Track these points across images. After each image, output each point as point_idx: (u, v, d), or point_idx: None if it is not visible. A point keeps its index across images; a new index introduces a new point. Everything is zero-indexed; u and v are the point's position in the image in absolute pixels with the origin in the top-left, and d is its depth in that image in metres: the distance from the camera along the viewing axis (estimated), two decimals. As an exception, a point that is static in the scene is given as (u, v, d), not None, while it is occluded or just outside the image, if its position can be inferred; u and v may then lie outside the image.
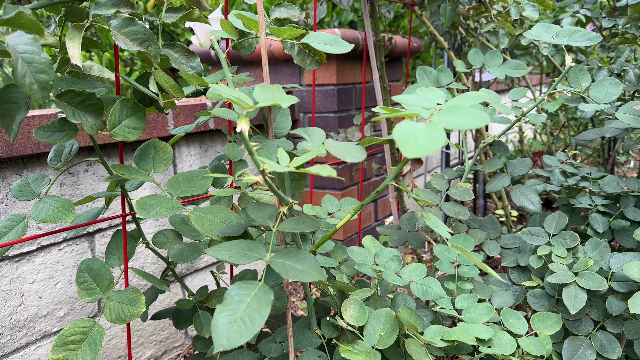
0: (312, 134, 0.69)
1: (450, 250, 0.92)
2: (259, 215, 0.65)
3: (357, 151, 0.60)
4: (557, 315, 0.83)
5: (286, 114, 0.73)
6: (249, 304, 0.52)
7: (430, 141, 0.44)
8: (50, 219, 0.66)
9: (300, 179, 0.70)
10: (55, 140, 0.63)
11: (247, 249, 0.60)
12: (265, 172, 0.55)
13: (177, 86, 0.68)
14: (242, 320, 0.50)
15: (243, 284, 0.54)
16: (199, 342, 0.96)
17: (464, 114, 0.47)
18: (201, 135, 1.45)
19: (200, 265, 1.49)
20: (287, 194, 0.65)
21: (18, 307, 1.07)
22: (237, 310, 0.51)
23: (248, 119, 0.54)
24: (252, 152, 0.54)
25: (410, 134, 0.45)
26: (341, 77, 1.67)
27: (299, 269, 0.57)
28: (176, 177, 0.78)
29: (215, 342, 0.48)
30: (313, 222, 0.62)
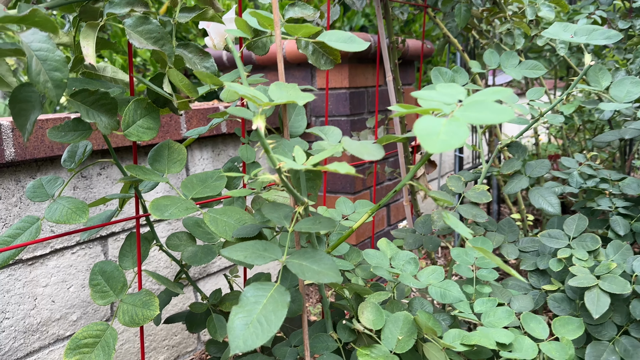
0: (328, 132, 0.68)
1: (468, 253, 0.90)
2: (274, 215, 0.64)
3: (375, 149, 0.59)
4: (579, 320, 0.81)
5: (301, 113, 0.72)
6: (265, 305, 0.50)
7: (452, 136, 0.43)
8: (64, 220, 0.65)
9: (316, 178, 0.69)
10: (69, 140, 0.63)
11: (262, 249, 0.58)
12: (281, 170, 0.54)
13: (192, 85, 0.68)
14: (258, 321, 0.49)
15: (259, 285, 0.53)
16: (213, 347, 0.95)
17: (487, 109, 0.46)
18: (213, 139, 1.44)
19: (212, 269, 1.48)
20: (303, 194, 0.63)
21: (31, 311, 1.07)
22: (253, 312, 0.49)
23: (264, 117, 0.53)
24: (269, 150, 0.53)
25: (431, 129, 0.44)
26: (353, 81, 1.67)
27: (316, 270, 0.56)
28: (190, 178, 0.77)
29: (231, 344, 0.47)
30: (330, 222, 0.61)
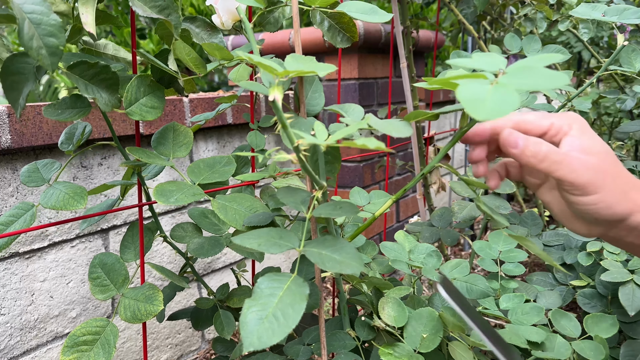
0: (348, 110, 0.63)
1: (492, 246, 0.85)
2: (290, 199, 0.59)
3: (403, 126, 0.54)
4: (613, 317, 0.76)
5: (319, 90, 0.67)
6: (281, 298, 0.45)
7: (501, 103, 0.37)
8: (60, 206, 0.60)
9: (335, 162, 0.63)
10: (66, 118, 0.58)
11: (277, 237, 0.53)
12: (299, 148, 0.49)
13: (200, 60, 0.62)
14: (274, 316, 0.43)
15: (274, 276, 0.48)
16: (219, 345, 0.90)
17: (537, 74, 0.40)
18: (219, 130, 1.39)
19: (218, 265, 1.43)
20: (322, 178, 0.58)
21: (28, 307, 1.02)
22: (268, 305, 0.44)
23: (281, 88, 0.47)
24: (286, 125, 0.47)
25: (477, 94, 0.38)
26: (363, 72, 1.61)
27: (337, 260, 0.50)
28: (197, 163, 0.72)
29: (245, 340, 0.41)
30: (352, 207, 0.55)
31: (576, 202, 0.49)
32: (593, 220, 0.51)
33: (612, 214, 0.48)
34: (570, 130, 0.49)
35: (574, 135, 0.49)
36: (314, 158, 0.59)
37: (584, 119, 0.51)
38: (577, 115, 0.51)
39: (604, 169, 0.48)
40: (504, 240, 0.86)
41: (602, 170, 0.48)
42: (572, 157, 0.47)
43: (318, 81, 0.65)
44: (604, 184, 0.47)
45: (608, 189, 0.48)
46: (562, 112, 0.51)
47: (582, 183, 0.47)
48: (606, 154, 0.49)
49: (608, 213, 0.48)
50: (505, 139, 0.49)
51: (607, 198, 0.48)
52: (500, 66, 0.45)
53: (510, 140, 0.49)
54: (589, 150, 0.48)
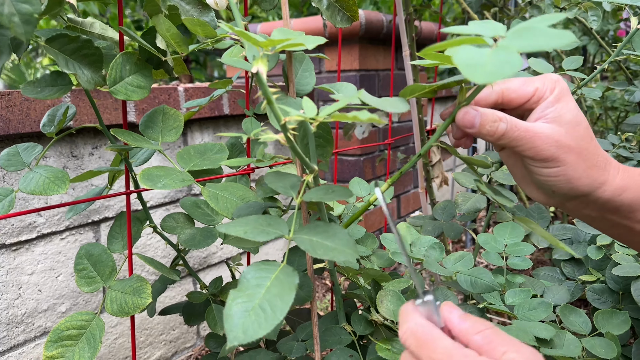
0: (340, 88, 0.59)
1: (497, 239, 0.81)
2: (279, 184, 0.55)
3: (398, 102, 0.50)
4: (625, 314, 0.72)
5: (309, 68, 0.63)
6: (268, 288, 0.41)
7: (501, 66, 0.34)
8: (40, 191, 0.56)
9: (327, 145, 0.59)
10: (46, 96, 0.54)
11: (266, 224, 0.49)
12: (287, 127, 0.45)
13: (181, 36, 0.58)
14: (260, 307, 0.39)
15: (262, 265, 0.44)
16: (212, 341, 0.86)
17: (540, 34, 0.37)
18: (215, 121, 1.35)
19: (213, 260, 1.39)
20: (312, 161, 0.54)
21: (15, 301, 0.98)
22: (254, 297, 0.40)
23: (265, 60, 0.44)
24: (272, 100, 0.43)
25: (475, 58, 0.35)
26: (364, 63, 1.57)
27: (330, 246, 0.46)
28: (187, 149, 0.68)
29: (229, 334, 0.37)
30: (345, 191, 0.52)
31: (536, 172, 0.48)
32: (551, 193, 0.50)
33: (570, 188, 0.48)
34: (548, 97, 0.47)
35: (548, 102, 0.47)
36: (304, 141, 0.55)
37: (565, 83, 0.49)
38: (559, 78, 0.49)
39: (567, 143, 0.46)
40: (509, 233, 0.82)
41: (566, 145, 0.46)
42: (533, 132, 0.46)
43: (309, 59, 0.61)
44: (565, 159, 0.47)
45: (569, 164, 0.47)
46: (546, 75, 0.48)
47: (542, 158, 0.47)
48: (575, 126, 0.47)
49: (567, 187, 0.48)
50: (460, 121, 0.48)
51: (568, 172, 0.47)
52: (499, 32, 0.42)
53: (466, 121, 0.47)
54: (558, 119, 0.47)
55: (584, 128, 0.48)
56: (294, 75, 0.60)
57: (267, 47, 0.45)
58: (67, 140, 1.04)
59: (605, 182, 0.48)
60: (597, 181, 0.48)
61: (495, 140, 0.47)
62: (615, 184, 0.49)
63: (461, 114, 0.48)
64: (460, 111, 0.48)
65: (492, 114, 0.47)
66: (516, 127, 0.46)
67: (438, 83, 0.50)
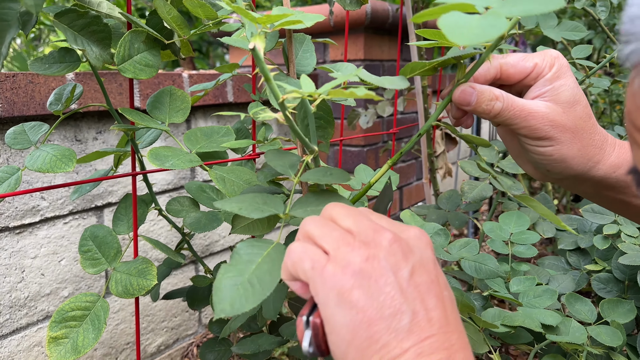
0: (340, 67, 0.59)
1: (503, 227, 0.81)
2: (278, 163, 0.55)
3: (398, 79, 0.50)
4: (631, 303, 0.72)
5: (310, 49, 0.62)
6: (259, 264, 0.41)
7: (487, 28, 0.33)
8: (46, 169, 0.56)
9: (328, 126, 0.59)
10: (53, 72, 0.53)
11: (261, 202, 0.49)
12: (285, 105, 0.44)
13: (182, 19, 0.58)
14: (249, 282, 0.39)
15: (254, 242, 0.44)
16: (216, 326, 0.86)
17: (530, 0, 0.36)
18: (219, 109, 1.35)
19: (215, 248, 1.39)
20: (312, 142, 0.54)
21: (18, 284, 0.98)
22: (245, 272, 0.40)
23: (263, 37, 0.43)
24: (269, 78, 0.43)
25: (460, 22, 0.34)
26: (369, 53, 1.57)
27: None
28: (194, 131, 0.68)
29: (216, 306, 0.38)
30: (342, 174, 0.51)
31: (531, 150, 0.48)
32: (545, 171, 0.50)
33: (565, 167, 0.48)
34: (547, 74, 0.47)
35: (546, 79, 0.47)
36: (304, 122, 0.54)
37: (566, 60, 0.48)
38: (558, 54, 0.48)
39: (563, 122, 0.46)
40: (515, 221, 0.82)
41: (561, 124, 0.46)
42: (528, 111, 0.46)
43: (309, 40, 0.61)
44: (560, 138, 0.46)
45: (564, 143, 0.47)
46: (546, 51, 0.48)
47: (536, 137, 0.47)
48: (572, 105, 0.47)
49: (561, 166, 0.48)
50: (457, 99, 0.48)
51: (562, 151, 0.47)
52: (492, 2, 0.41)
53: (462, 99, 0.47)
54: (556, 98, 0.47)
55: (582, 107, 0.47)
56: (294, 56, 0.60)
57: (264, 23, 0.44)
58: (72, 124, 1.03)
59: (600, 161, 0.48)
60: (591, 160, 0.48)
61: (491, 118, 0.47)
62: (609, 162, 0.48)
63: (458, 92, 0.48)
64: (457, 89, 0.48)
65: (490, 92, 0.46)
66: (512, 106, 0.46)
67: (438, 60, 0.49)
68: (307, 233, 0.39)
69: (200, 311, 1.39)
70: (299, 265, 0.37)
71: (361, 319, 0.33)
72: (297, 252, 0.37)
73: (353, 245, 0.35)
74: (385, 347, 0.32)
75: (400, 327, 0.33)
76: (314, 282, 0.35)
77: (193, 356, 1.33)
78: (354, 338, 0.33)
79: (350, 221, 0.38)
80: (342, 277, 0.34)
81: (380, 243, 0.35)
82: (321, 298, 0.35)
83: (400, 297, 0.33)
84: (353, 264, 0.34)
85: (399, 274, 0.34)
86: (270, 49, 0.54)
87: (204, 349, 0.85)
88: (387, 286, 0.33)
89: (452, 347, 0.33)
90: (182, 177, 1.27)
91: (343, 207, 0.40)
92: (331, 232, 0.37)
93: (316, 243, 0.37)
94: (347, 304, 0.33)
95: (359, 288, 0.33)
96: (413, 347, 0.32)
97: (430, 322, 0.33)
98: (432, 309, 0.34)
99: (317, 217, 0.40)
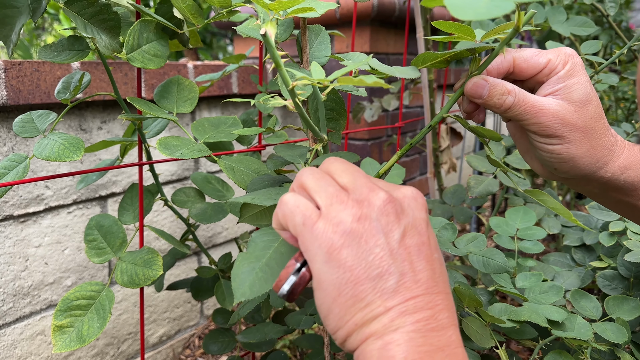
0: (352, 57, 0.58)
1: (509, 223, 0.81)
2: (288, 153, 0.55)
3: (409, 69, 0.50)
4: (636, 300, 0.72)
5: (325, 41, 0.62)
6: (276, 248, 0.42)
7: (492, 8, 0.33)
8: (54, 157, 0.55)
9: (340, 118, 0.59)
10: (62, 60, 0.53)
11: (274, 193, 0.49)
12: (295, 92, 0.44)
13: (197, 7, 0.57)
14: (267, 265, 0.41)
15: (268, 229, 0.44)
16: (220, 317, 0.86)
17: None
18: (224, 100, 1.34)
19: (218, 240, 1.39)
20: (322, 130, 0.53)
21: (22, 273, 0.98)
22: (262, 257, 0.41)
23: (275, 24, 0.43)
24: (280, 64, 0.42)
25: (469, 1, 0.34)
26: (374, 46, 1.56)
27: None
28: (201, 121, 0.67)
29: (236, 292, 0.39)
30: (352, 156, 0.51)
31: (539, 148, 0.48)
32: (552, 169, 0.50)
33: (572, 167, 0.48)
34: (560, 71, 0.47)
35: (559, 76, 0.47)
36: (316, 114, 0.54)
37: (580, 58, 0.48)
38: (573, 52, 0.48)
39: (573, 121, 0.46)
40: (521, 217, 0.82)
41: (572, 123, 0.46)
42: (539, 108, 0.46)
43: (325, 32, 0.61)
44: (569, 137, 0.46)
45: (573, 143, 0.46)
46: (560, 48, 0.48)
47: (545, 134, 0.46)
48: (585, 104, 0.46)
49: (569, 165, 0.48)
50: (469, 91, 0.47)
51: (571, 151, 0.47)
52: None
53: (474, 91, 0.47)
54: (568, 96, 0.46)
55: (595, 107, 0.47)
56: (308, 47, 0.59)
57: (276, 10, 0.44)
58: (76, 113, 1.03)
59: (608, 162, 0.48)
60: (600, 161, 0.48)
61: (502, 112, 0.47)
62: (617, 163, 0.48)
63: (470, 84, 0.47)
64: (469, 81, 0.47)
65: (502, 86, 0.46)
66: (523, 102, 0.46)
67: (450, 51, 0.49)
68: (303, 184, 0.39)
69: (203, 302, 1.39)
70: (289, 218, 0.37)
71: (348, 278, 0.33)
72: (290, 204, 0.37)
73: (346, 204, 0.35)
74: (369, 306, 0.33)
75: (386, 288, 0.33)
76: (304, 238, 0.36)
77: (195, 347, 1.34)
78: (339, 295, 0.34)
79: (347, 178, 0.38)
80: (332, 236, 0.34)
81: (374, 202, 0.35)
82: (310, 254, 0.35)
83: (389, 259, 0.34)
84: (344, 222, 0.35)
85: (390, 235, 0.35)
86: (284, 39, 0.54)
87: (207, 340, 0.85)
88: (376, 247, 0.34)
89: (437, 306, 0.34)
90: (186, 168, 1.27)
91: (342, 163, 0.40)
92: (327, 187, 0.37)
93: (310, 195, 0.38)
94: (335, 262, 0.34)
95: (348, 247, 0.34)
96: (397, 306, 0.33)
97: (418, 284, 0.34)
98: (420, 270, 0.34)
99: (314, 169, 0.40)
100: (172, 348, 1.31)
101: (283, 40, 0.56)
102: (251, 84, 1.37)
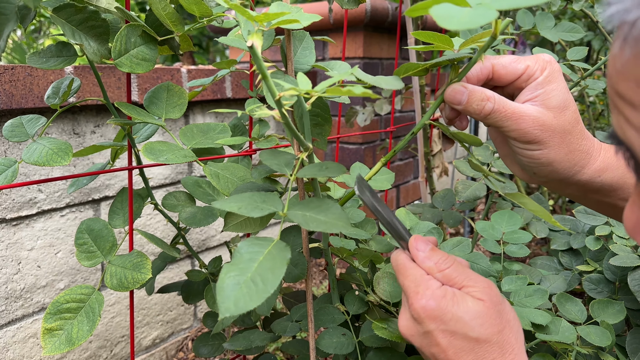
0: (335, 66, 0.59)
1: (495, 227, 0.82)
2: (274, 162, 0.55)
3: (392, 79, 0.51)
4: (620, 303, 0.72)
5: (309, 47, 0.63)
6: (261, 262, 0.41)
7: (476, 16, 0.34)
8: (43, 162, 0.56)
9: (325, 124, 0.60)
10: (51, 66, 0.54)
11: (260, 201, 0.49)
12: (281, 102, 0.45)
13: (177, 15, 0.58)
14: (252, 281, 0.39)
15: (255, 240, 0.44)
16: (210, 320, 0.87)
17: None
18: (217, 104, 1.35)
19: (212, 243, 1.40)
20: (307, 139, 0.54)
21: (14, 276, 0.99)
22: (247, 270, 0.40)
23: (261, 35, 0.44)
24: (266, 75, 0.43)
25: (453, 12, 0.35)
26: (368, 51, 1.57)
27: (322, 220, 0.47)
28: (190, 127, 0.68)
29: (221, 306, 0.37)
30: (338, 167, 0.52)
31: (519, 153, 0.49)
32: (532, 174, 0.51)
33: (551, 171, 0.49)
34: (538, 77, 0.48)
35: (538, 82, 0.48)
36: (302, 121, 0.55)
37: (558, 65, 0.49)
38: (551, 58, 0.49)
39: (552, 127, 0.47)
40: (507, 221, 0.83)
41: (550, 129, 0.47)
42: (519, 114, 0.47)
43: (309, 37, 0.61)
44: (548, 142, 0.47)
45: (552, 148, 0.47)
46: (539, 54, 0.49)
47: (526, 140, 0.47)
48: (562, 110, 0.47)
49: (548, 169, 0.49)
50: (448, 98, 0.48)
51: (550, 155, 0.48)
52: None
53: (453, 98, 0.48)
54: (547, 102, 0.47)
55: (572, 112, 0.48)
56: (293, 54, 0.60)
57: (262, 22, 0.45)
58: (69, 117, 1.04)
59: (585, 166, 0.49)
60: (578, 165, 0.49)
61: (482, 118, 0.48)
62: (595, 166, 0.49)
63: (449, 91, 0.48)
64: (448, 88, 0.48)
65: (481, 92, 0.47)
66: (503, 108, 0.47)
67: (431, 61, 0.50)
68: None
69: (196, 305, 1.39)
70: None
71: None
72: None
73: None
74: None
75: None
76: None
77: (188, 350, 1.34)
78: None
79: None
80: None
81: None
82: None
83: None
84: None
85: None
86: (267, 47, 0.55)
87: (198, 343, 0.85)
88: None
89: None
90: (179, 172, 1.28)
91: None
92: None
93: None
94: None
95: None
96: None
97: None
98: None
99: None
100: (165, 351, 1.31)
101: (267, 47, 0.57)
102: (245, 87, 1.38)
